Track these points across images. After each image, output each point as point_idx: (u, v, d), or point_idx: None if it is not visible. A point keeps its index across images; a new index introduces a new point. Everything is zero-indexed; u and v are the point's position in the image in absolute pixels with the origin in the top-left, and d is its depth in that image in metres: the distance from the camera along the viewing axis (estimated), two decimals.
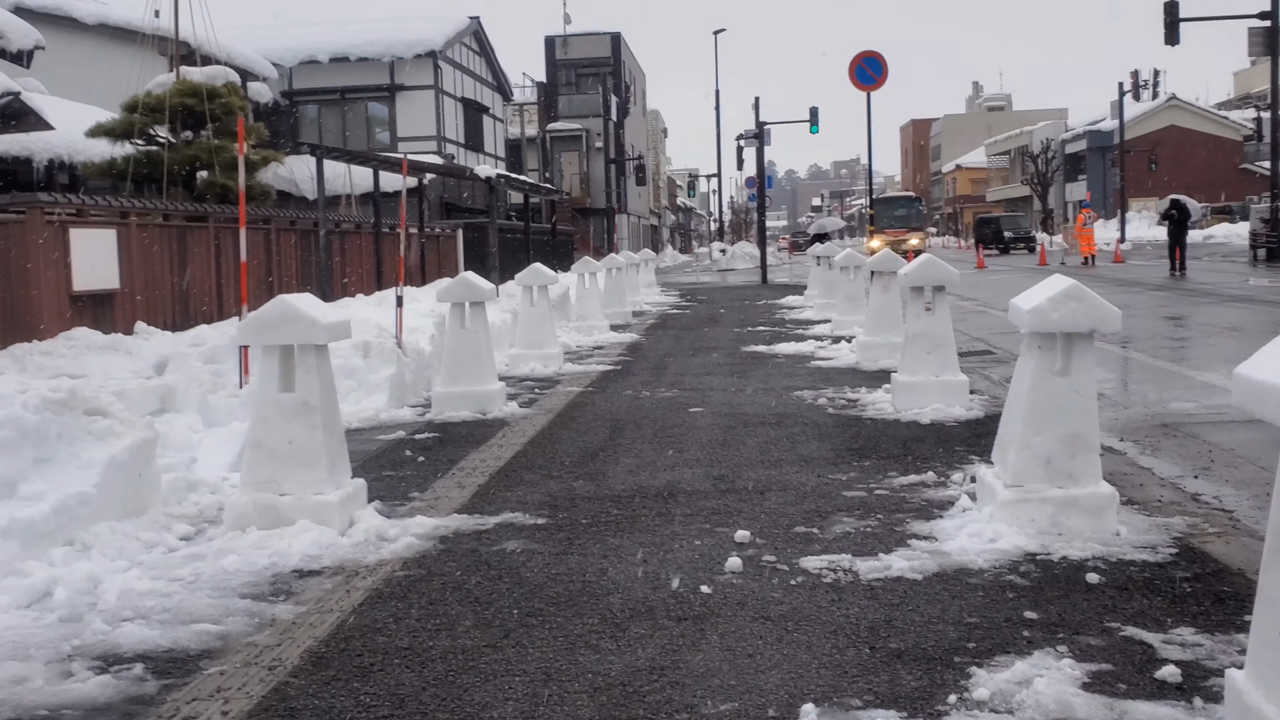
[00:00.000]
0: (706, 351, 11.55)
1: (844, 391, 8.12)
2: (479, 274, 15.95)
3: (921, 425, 6.67)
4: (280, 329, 4.38)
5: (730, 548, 4.12)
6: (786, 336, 12.65)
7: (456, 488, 5.39)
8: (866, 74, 14.92)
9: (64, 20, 21.00)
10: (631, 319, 16.48)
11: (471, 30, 32.21)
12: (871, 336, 9.96)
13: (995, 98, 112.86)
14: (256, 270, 12.33)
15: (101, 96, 16.56)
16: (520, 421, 7.34)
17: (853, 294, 13.05)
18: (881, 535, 4.25)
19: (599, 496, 5.07)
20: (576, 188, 46.21)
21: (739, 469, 5.56)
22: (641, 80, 60.14)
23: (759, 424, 6.89)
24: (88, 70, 19.54)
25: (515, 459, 6.05)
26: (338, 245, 14.74)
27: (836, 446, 6.10)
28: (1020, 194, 76.49)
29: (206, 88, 12.60)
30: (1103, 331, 4.31)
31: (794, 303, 18.61)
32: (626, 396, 8.35)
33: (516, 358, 10.27)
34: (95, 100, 16.85)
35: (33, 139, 13.34)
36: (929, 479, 5.19)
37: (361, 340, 8.11)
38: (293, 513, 4.39)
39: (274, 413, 4.44)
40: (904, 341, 7.38)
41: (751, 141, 32.46)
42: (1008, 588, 3.65)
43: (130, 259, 9.80)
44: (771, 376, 9.22)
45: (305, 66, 28.37)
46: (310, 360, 4.43)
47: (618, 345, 12.67)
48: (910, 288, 7.22)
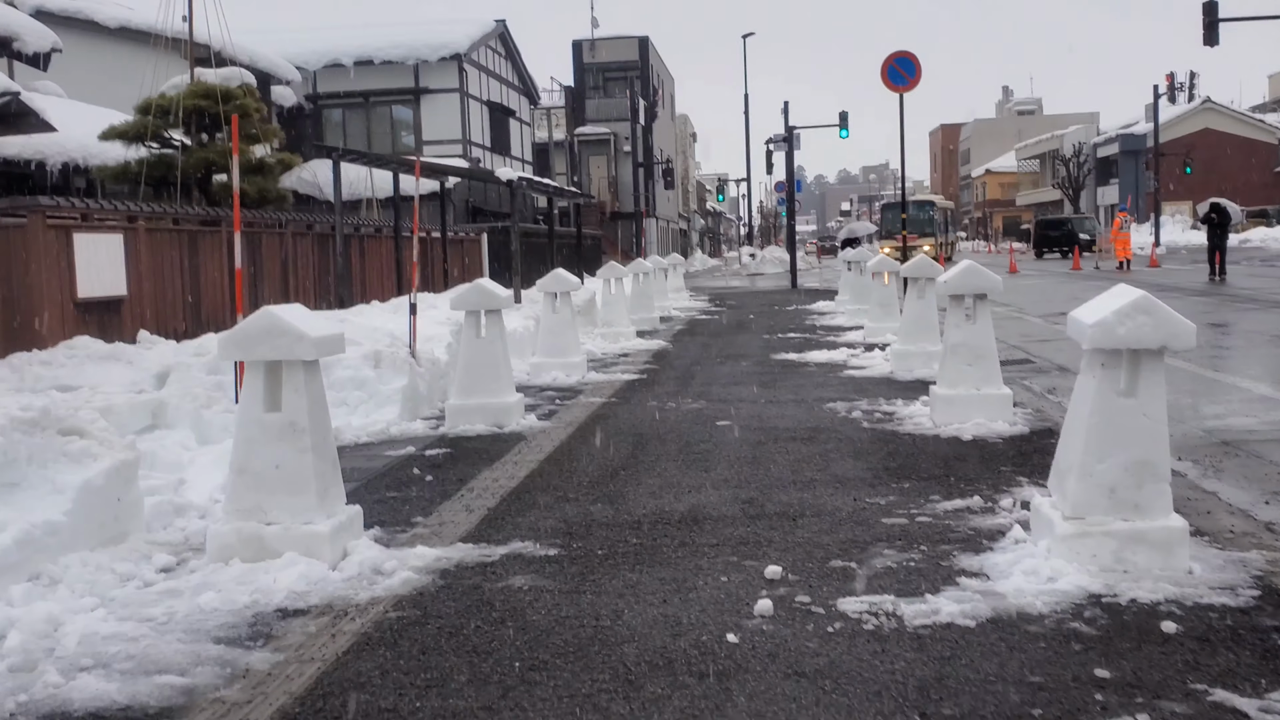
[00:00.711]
0: (735, 359, 11.13)
1: (879, 404, 7.68)
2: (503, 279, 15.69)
3: (963, 442, 6.22)
4: (265, 343, 4.03)
5: (760, 585, 3.71)
6: (817, 344, 12.20)
7: (464, 511, 5.02)
8: (899, 74, 14.44)
9: (85, 24, 20.94)
10: (659, 325, 16.09)
11: (497, 33, 31.98)
12: (906, 345, 9.51)
13: (1025, 102, 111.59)
14: (272, 276, 12.08)
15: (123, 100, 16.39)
16: (538, 436, 6.97)
17: (885, 300, 12.58)
18: (927, 571, 3.83)
19: (617, 523, 4.67)
20: (605, 192, 45.91)
21: (769, 491, 5.15)
22: (670, 84, 59.78)
23: (790, 439, 6.47)
24: (109, 74, 19.44)
25: (529, 479, 5.67)
26: (357, 250, 14.47)
27: (873, 465, 5.67)
28: (1051, 198, 75.42)
29: (221, 89, 12.35)
30: (1174, 348, 3.87)
31: (824, 308, 18.14)
32: (651, 408, 7.96)
33: (538, 366, 9.90)
34: (117, 104, 16.70)
35: (47, 143, 13.17)
36: (975, 504, 4.75)
37: (373, 350, 7.78)
38: (279, 544, 4.03)
39: (259, 434, 4.08)
40: (943, 352, 6.94)
41: (780, 145, 32.00)
42: (1073, 637, 3.22)
43: (139, 264, 9.54)
44: (803, 387, 8.79)
45: (329, 70, 28.24)
46: (298, 377, 4.08)
47: (644, 352, 12.28)
48: (950, 296, 6.77)
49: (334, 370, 7.60)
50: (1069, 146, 69.06)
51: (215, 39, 13.07)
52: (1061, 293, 20.24)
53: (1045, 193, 77.24)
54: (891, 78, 14.35)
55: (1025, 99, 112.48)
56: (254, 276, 11.65)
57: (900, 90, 14.38)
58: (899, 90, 14.36)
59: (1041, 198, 78.46)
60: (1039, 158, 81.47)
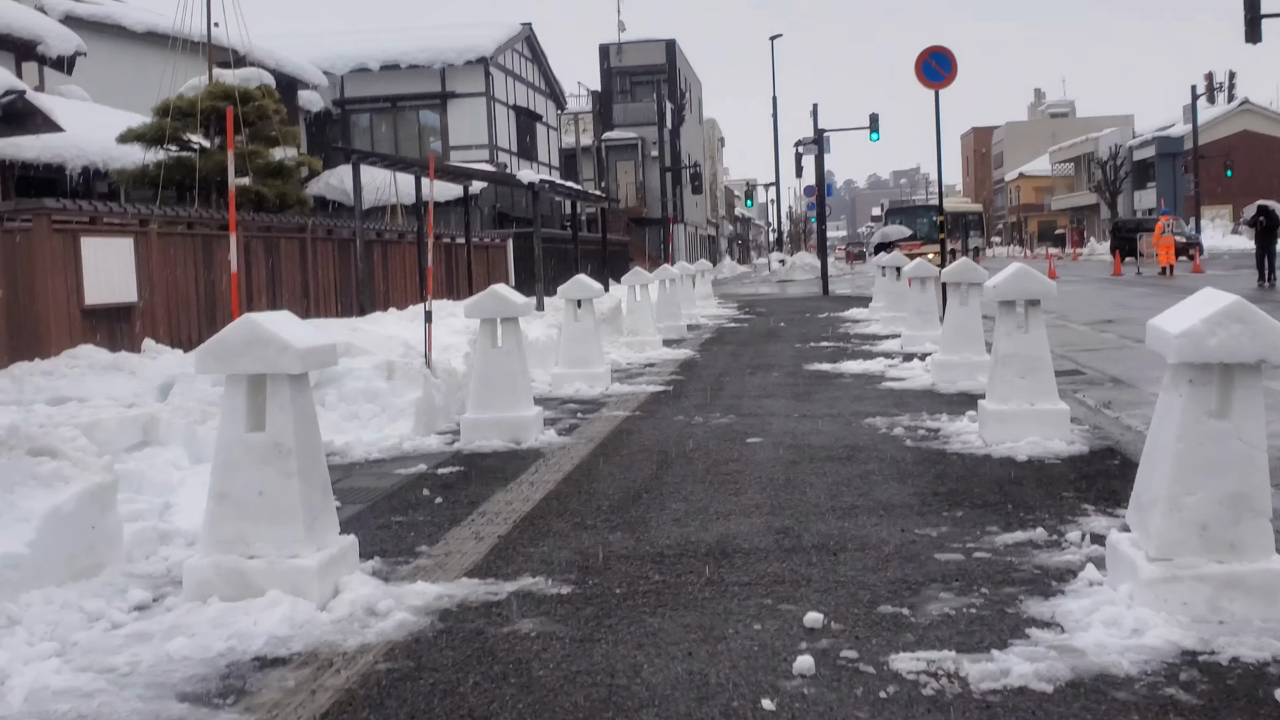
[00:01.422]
0: (766, 370, 10.66)
1: (922, 419, 7.18)
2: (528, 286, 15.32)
3: (1017, 463, 5.72)
4: (246, 355, 3.63)
5: (799, 636, 3.26)
6: (852, 353, 11.70)
7: (472, 539, 4.60)
8: (934, 70, 13.90)
9: (113, 29, 20.88)
10: (686, 333, 15.64)
11: (523, 36, 31.71)
12: (949, 355, 9.00)
13: (1058, 104, 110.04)
14: (291, 282, 11.77)
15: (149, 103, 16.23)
16: (557, 453, 6.54)
17: (924, 307, 12.06)
18: (991, 620, 3.35)
19: (638, 555, 4.23)
20: (632, 197, 45.56)
21: (806, 519, 4.69)
22: (697, 88, 59.32)
23: (827, 459, 6.00)
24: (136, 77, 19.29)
25: (545, 501, 5.24)
26: (379, 255, 14.15)
27: (920, 490, 5.19)
28: (1086, 202, 74.19)
29: (239, 90, 12.07)
30: (1276, 362, 3.37)
31: (858, 315, 17.61)
32: (677, 423, 7.51)
33: (560, 377, 9.49)
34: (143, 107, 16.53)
35: (66, 146, 12.96)
36: (1039, 537, 4.27)
37: (385, 360, 7.40)
38: (262, 580, 3.63)
39: (240, 457, 3.69)
40: (992, 364, 6.44)
41: (810, 149, 31.45)
42: (1171, 708, 2.74)
43: (150, 270, 9.24)
44: (839, 400, 8.31)
45: (356, 74, 28.09)
46: (284, 394, 3.68)
47: (671, 362, 11.84)
48: (999, 302, 6.28)
49: (345, 381, 7.23)
50: (1104, 149, 67.83)
51: (235, 40, 12.81)
52: (1104, 299, 19.56)
53: (1080, 196, 76.00)
54: (926, 74, 13.81)
55: (1058, 101, 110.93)
56: (272, 283, 11.34)
57: (936, 87, 13.84)
58: (934, 87, 13.83)
59: (1077, 202, 77.23)
60: (1073, 161, 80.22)
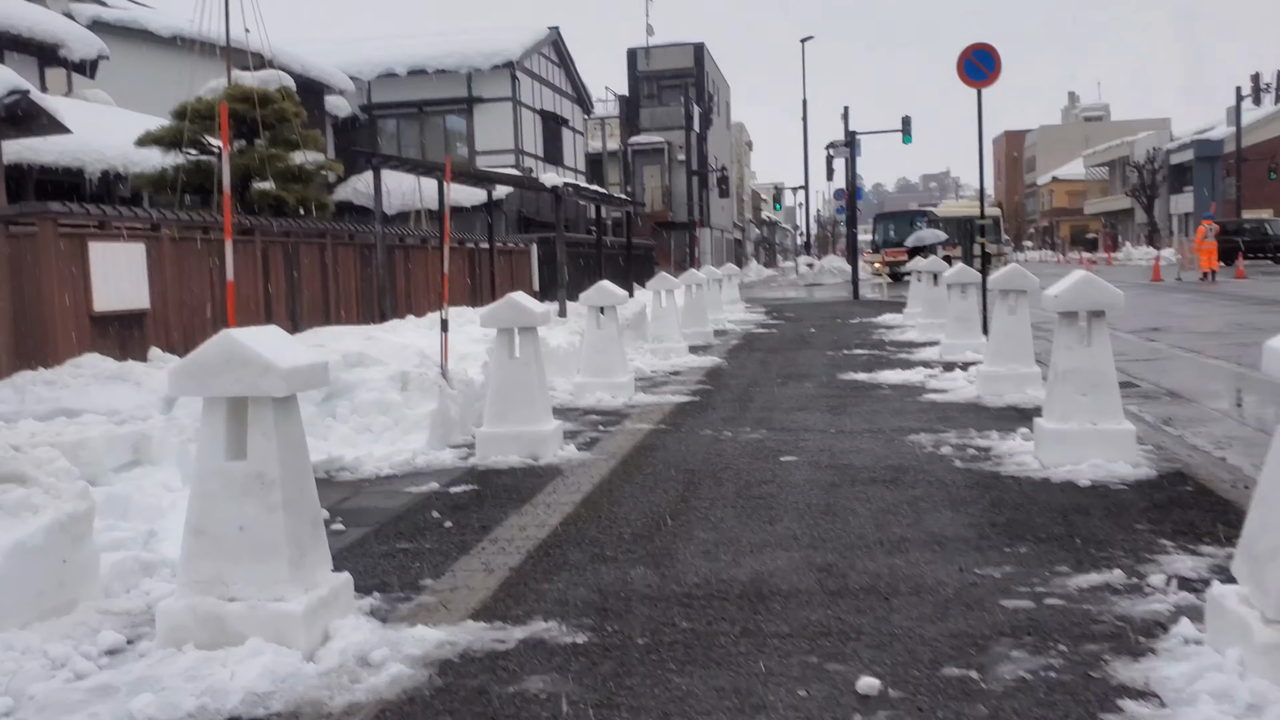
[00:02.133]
0: (798, 380, 10.19)
1: (970, 436, 6.70)
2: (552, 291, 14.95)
3: (1080, 489, 5.24)
4: (225, 375, 3.24)
5: (851, 707, 2.81)
6: (889, 362, 11.20)
7: (481, 571, 4.19)
8: (977, 69, 13.36)
9: (140, 33, 20.77)
10: (713, 339, 15.19)
11: (550, 40, 31.41)
12: (995, 366, 8.50)
13: (1093, 108, 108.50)
14: (311, 289, 11.45)
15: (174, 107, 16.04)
16: (576, 470, 6.13)
17: (964, 314, 11.54)
18: (1075, 688, 2.89)
19: (663, 595, 3.80)
20: (658, 201, 45.18)
21: (850, 553, 4.24)
22: (725, 92, 58.85)
23: (869, 481, 5.54)
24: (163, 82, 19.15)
25: (562, 527, 4.82)
26: (401, 261, 13.83)
27: (976, 519, 4.72)
28: (1121, 206, 72.98)
29: (259, 92, 11.78)
30: None
31: (892, 321, 17.07)
32: (704, 438, 7.08)
33: (582, 386, 9.08)
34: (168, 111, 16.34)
35: (86, 150, 12.74)
36: (1116, 580, 3.79)
37: (399, 370, 7.02)
38: (243, 625, 3.23)
39: (219, 488, 3.30)
40: (1050, 380, 5.95)
41: (841, 151, 30.90)
42: None
43: (163, 276, 8.93)
44: (878, 413, 7.83)
45: (383, 80, 27.89)
46: (267, 418, 3.28)
47: (697, 370, 11.40)
48: (1060, 313, 5.79)
49: (358, 393, 6.86)
50: (1140, 153, 66.63)
51: (259, 44, 12.54)
52: (1147, 305, 18.89)
53: (1116, 200, 74.78)
54: (969, 72, 13.27)
55: (1092, 105, 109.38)
56: (290, 289, 11.03)
57: (978, 85, 13.29)
58: (977, 85, 13.28)
59: (1111, 206, 76.03)
60: (1108, 165, 78.97)
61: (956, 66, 13.44)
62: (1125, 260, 48.63)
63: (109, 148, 12.56)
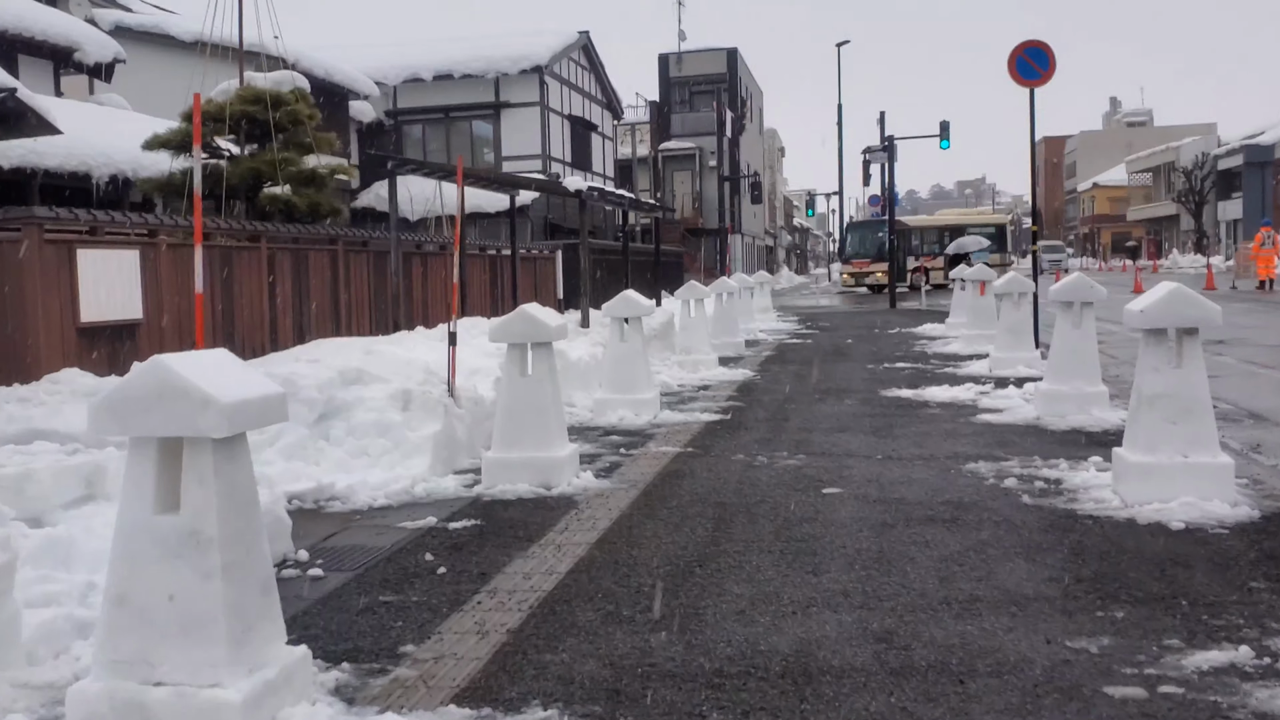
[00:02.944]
0: (837, 396, 9.48)
1: (1035, 465, 5.99)
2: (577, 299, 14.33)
3: (1173, 533, 4.53)
4: (155, 411, 2.65)
5: None
6: (935, 376, 10.46)
7: (474, 634, 3.56)
8: (1029, 67, 12.58)
9: (162, 38, 20.50)
10: (744, 350, 14.52)
11: (580, 45, 30.90)
12: (1057, 384, 7.77)
13: (1135, 113, 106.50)
14: (320, 298, 10.93)
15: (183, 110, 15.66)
16: (593, 501, 5.50)
17: (1016, 326, 10.77)
18: None
19: (689, 673, 3.15)
20: (689, 208, 44.56)
21: (912, 617, 3.57)
22: (758, 98, 58.12)
23: (926, 521, 4.86)
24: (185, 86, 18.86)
25: (573, 576, 4.19)
26: (419, 268, 13.30)
27: (1056, 571, 4.03)
28: (1166, 213, 71.28)
29: (271, 94, 11.29)
30: None
31: (934, 331, 16.29)
32: (736, 464, 6.41)
33: (603, 403, 8.46)
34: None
35: (93, 154, 12.33)
36: (1243, 659, 3.10)
37: (401, 388, 6.42)
38: (170, 716, 2.62)
39: (146, 548, 2.70)
40: (1134, 405, 5.24)
41: (878, 156, 30.10)
42: None
43: (158, 285, 8.42)
44: (928, 436, 7.13)
45: (409, 85, 27.51)
46: (204, 464, 2.68)
47: (727, 384, 10.73)
48: (1145, 331, 5.08)
49: (355, 413, 6.27)
50: (1186, 158, 64.99)
51: (269, 43, 12.08)
52: None
53: (1160, 207, 73.12)
54: (1021, 70, 12.50)
55: (1135, 110, 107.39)
56: (298, 299, 10.51)
57: (1031, 85, 12.52)
58: (1030, 85, 12.50)
59: (1156, 212, 74.36)
60: (1152, 170, 77.20)
61: (1008, 64, 12.68)
62: (1172, 268, 47.25)
63: (118, 151, 12.14)
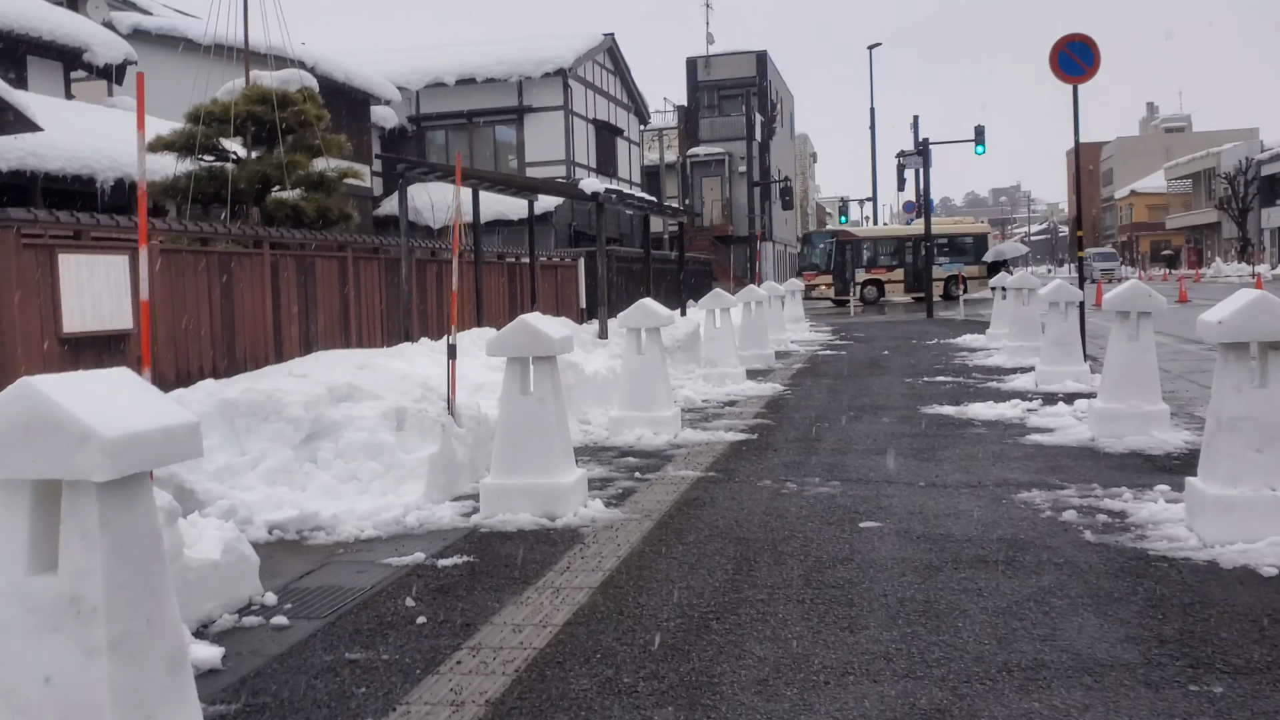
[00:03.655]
0: (873, 414, 8.86)
1: (1095, 494, 5.36)
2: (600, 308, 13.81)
3: (1265, 581, 3.90)
4: (26, 450, 2.13)
5: None
6: (978, 392, 9.80)
7: (447, 707, 3.02)
8: (1073, 62, 11.92)
9: (180, 41, 20.23)
10: (774, 362, 13.91)
11: (605, 48, 30.43)
12: (1113, 403, 7.11)
13: (1173, 119, 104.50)
14: (328, 307, 10.46)
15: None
16: (601, 535, 4.94)
17: (1064, 338, 10.09)
18: None
19: None
20: (718, 215, 43.97)
21: (966, 689, 2.97)
22: (789, 102, 57.39)
23: (978, 563, 4.26)
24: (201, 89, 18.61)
25: (569, 630, 3.63)
26: (433, 277, 12.82)
27: (1133, 629, 3.42)
28: (1206, 220, 69.68)
29: (278, 94, 10.87)
30: None
31: (973, 343, 15.60)
32: (763, 491, 5.83)
33: (619, 421, 7.90)
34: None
35: (97, 157, 11.98)
36: None
37: (395, 406, 5.90)
38: None
39: (16, 617, 2.18)
40: (1210, 429, 4.60)
41: (912, 160, 29.38)
42: None
43: (151, 292, 7.95)
44: (974, 460, 6.50)
45: (431, 90, 27.16)
46: (87, 513, 2.16)
47: (755, 399, 10.14)
48: (1223, 345, 4.45)
49: (344, 433, 5.76)
50: (1228, 164, 63.48)
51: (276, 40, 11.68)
52: None
53: (1201, 214, 71.51)
54: (1063, 66, 11.84)
55: (1173, 115, 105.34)
56: (305, 308, 10.05)
57: (1074, 81, 11.85)
58: (1072, 81, 11.83)
59: (1196, 220, 72.74)
60: (1192, 177, 75.59)
61: (1049, 59, 12.03)
62: (1215, 277, 45.97)
63: (124, 154, 11.79)
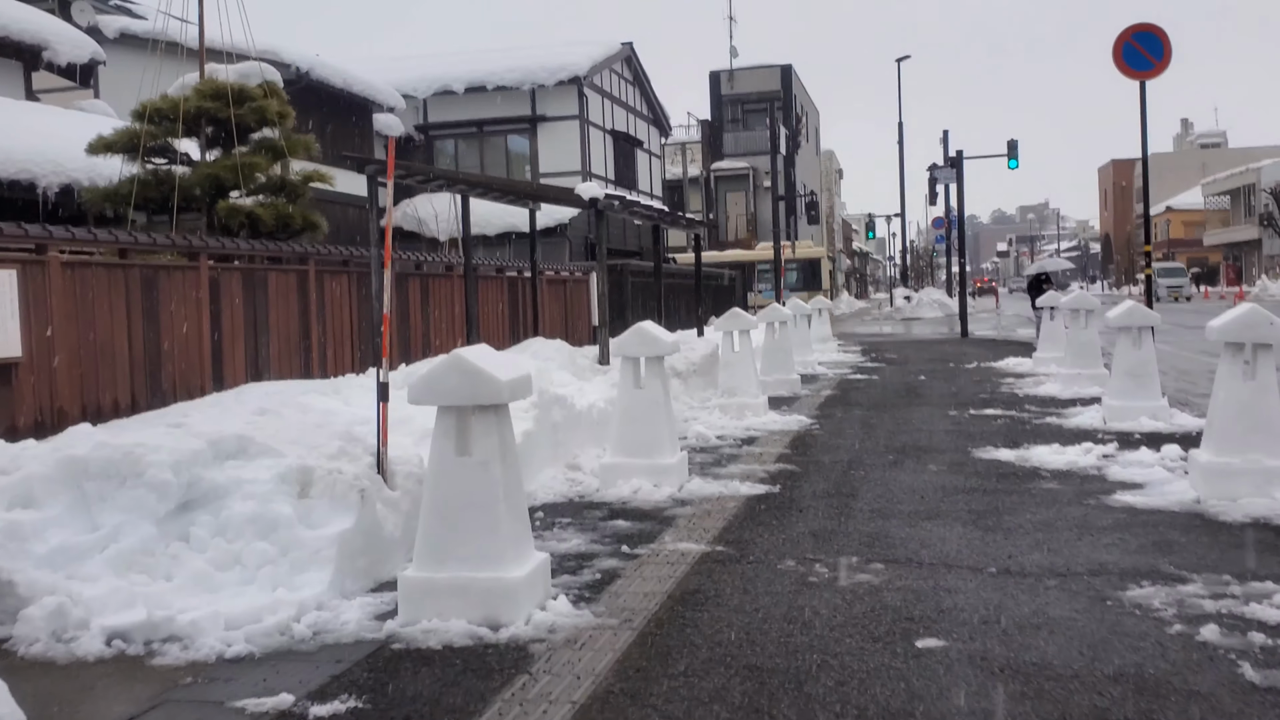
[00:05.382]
0: (917, 457, 7.37)
1: (1233, 593, 3.89)
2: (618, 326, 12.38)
3: None
4: None
5: None
6: (1037, 430, 8.30)
7: None
8: (1139, 56, 10.47)
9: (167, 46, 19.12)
10: (800, 389, 12.45)
11: (623, 57, 29.17)
12: (1226, 456, 5.62)
13: (1209, 135, 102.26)
14: (283, 328, 9.12)
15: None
16: (557, 657, 3.53)
17: (1137, 368, 8.56)
18: None
19: None
20: (742, 229, 42.56)
21: None
22: (815, 117, 55.98)
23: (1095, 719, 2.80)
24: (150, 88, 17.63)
25: None
26: (417, 292, 11.48)
27: None
28: (1246, 237, 67.51)
29: (234, 88, 9.60)
30: None
31: (1019, 367, 14.04)
32: (784, 581, 4.39)
33: (611, 469, 6.48)
34: None
35: (40, 160, 10.75)
36: None
37: (298, 465, 4.51)
38: None
39: None
40: None
41: (944, 173, 27.87)
42: None
43: (47, 314, 6.66)
44: (1053, 531, 5.03)
45: (440, 98, 25.98)
46: None
47: (778, 436, 8.69)
48: None
49: (228, 502, 4.37)
50: (1268, 180, 61.39)
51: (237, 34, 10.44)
52: None
53: (1240, 230, 69.32)
54: (1129, 60, 10.39)
55: (1209, 131, 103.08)
56: (251, 331, 8.72)
57: (1141, 77, 10.41)
58: (1140, 76, 10.39)
59: (1235, 236, 70.56)
60: (1229, 193, 73.41)
61: (1113, 54, 10.57)
62: (1261, 294, 43.87)
63: (71, 159, 10.58)
